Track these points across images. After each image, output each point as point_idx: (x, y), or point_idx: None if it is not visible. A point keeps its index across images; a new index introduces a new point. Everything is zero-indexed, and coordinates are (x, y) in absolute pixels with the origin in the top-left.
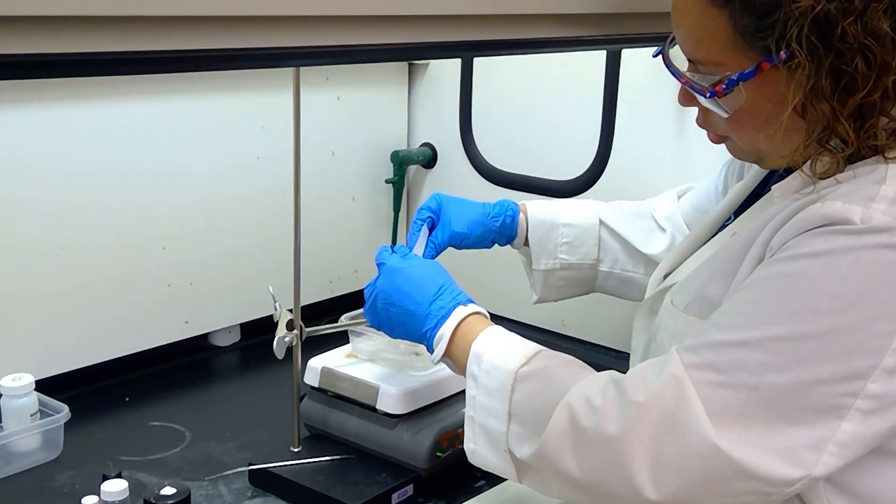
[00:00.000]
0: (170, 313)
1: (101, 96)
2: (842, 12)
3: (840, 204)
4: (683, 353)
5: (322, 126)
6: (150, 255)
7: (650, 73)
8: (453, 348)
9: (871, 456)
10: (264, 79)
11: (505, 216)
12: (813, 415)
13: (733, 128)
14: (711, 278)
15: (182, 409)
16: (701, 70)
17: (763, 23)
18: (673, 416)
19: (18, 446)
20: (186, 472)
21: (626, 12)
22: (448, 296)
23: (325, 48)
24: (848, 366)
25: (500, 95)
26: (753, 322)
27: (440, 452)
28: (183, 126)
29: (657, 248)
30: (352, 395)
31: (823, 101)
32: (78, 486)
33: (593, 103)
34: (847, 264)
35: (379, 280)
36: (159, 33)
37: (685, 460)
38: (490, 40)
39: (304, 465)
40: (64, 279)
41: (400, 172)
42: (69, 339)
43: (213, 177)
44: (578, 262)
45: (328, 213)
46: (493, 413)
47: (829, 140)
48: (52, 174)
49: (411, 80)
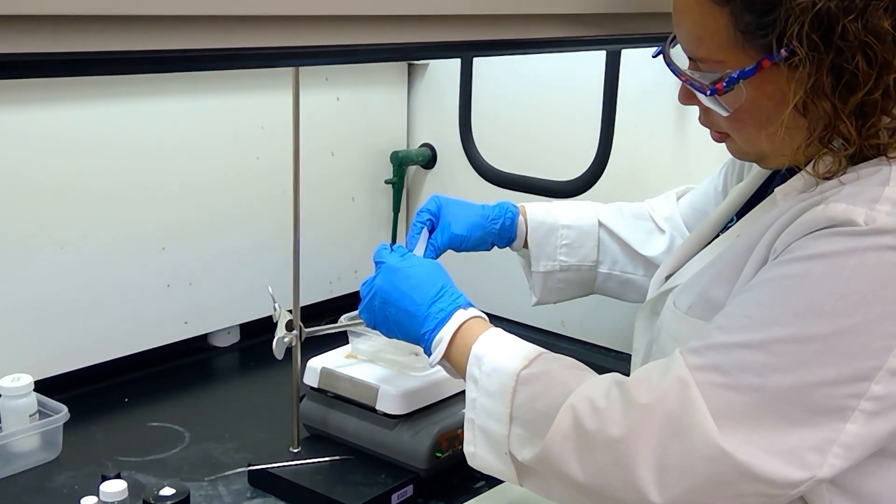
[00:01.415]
0: (169, 314)
1: (100, 96)
2: (842, 10)
3: (844, 205)
4: (687, 355)
5: (322, 126)
6: (150, 256)
7: (650, 74)
8: (452, 351)
9: (875, 458)
10: (264, 79)
11: (504, 218)
12: (817, 416)
13: (734, 126)
14: (714, 280)
15: (181, 410)
16: (702, 68)
17: (764, 20)
18: (678, 419)
19: (17, 447)
20: (186, 473)
21: (626, 12)
22: (448, 298)
23: (325, 48)
24: (852, 367)
25: (500, 96)
26: (757, 324)
27: (440, 453)
28: (182, 126)
29: (656, 250)
30: (351, 396)
31: (825, 99)
32: (77, 487)
33: (593, 104)
34: (851, 266)
35: (377, 279)
36: (159, 33)
37: (690, 463)
38: (489, 40)
39: (303, 466)
40: (63, 280)
41: (399, 173)
42: (68, 340)
43: (213, 177)
44: (578, 264)
45: (328, 213)
46: (493, 415)
47: (830, 139)
48: (51, 173)
49: (411, 80)
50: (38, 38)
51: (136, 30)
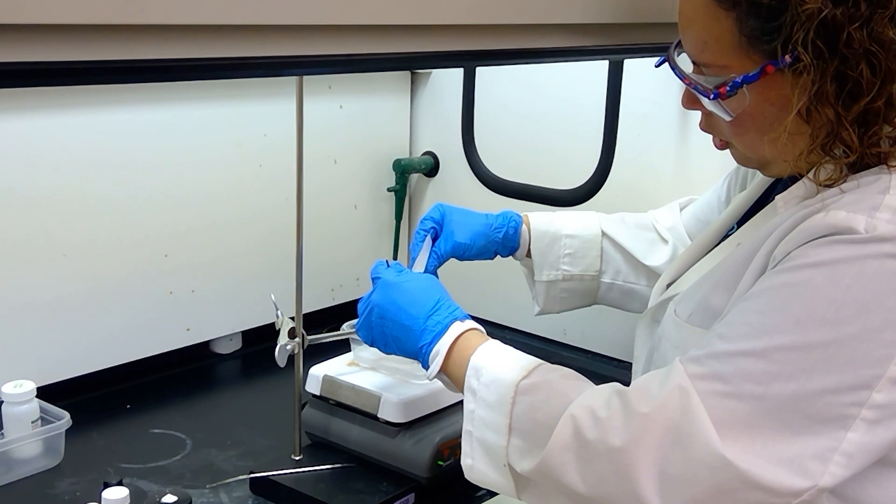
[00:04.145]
0: (171, 320)
1: (104, 103)
2: (848, 18)
3: (844, 213)
4: (688, 363)
5: (324, 134)
6: (152, 263)
7: (652, 85)
8: (450, 364)
9: (875, 467)
10: (267, 87)
11: (508, 227)
12: (818, 425)
13: (736, 131)
14: (715, 289)
15: (183, 417)
16: (706, 72)
17: (769, 26)
18: (679, 427)
19: (19, 453)
20: (187, 480)
21: (629, 23)
22: (444, 311)
23: (328, 57)
24: (853, 375)
25: (503, 104)
26: (758, 332)
27: (441, 461)
28: (186, 134)
29: (659, 260)
30: (353, 404)
31: (828, 106)
32: (79, 494)
33: (595, 114)
34: (852, 274)
35: (374, 294)
36: (163, 42)
37: (692, 472)
38: (492, 50)
39: (305, 474)
40: (66, 286)
41: (402, 181)
42: (71, 346)
43: (216, 184)
44: (581, 274)
45: (330, 220)
46: (492, 427)
47: (832, 146)
48: (55, 181)
49: (414, 88)
50: (42, 47)
51: (140, 39)
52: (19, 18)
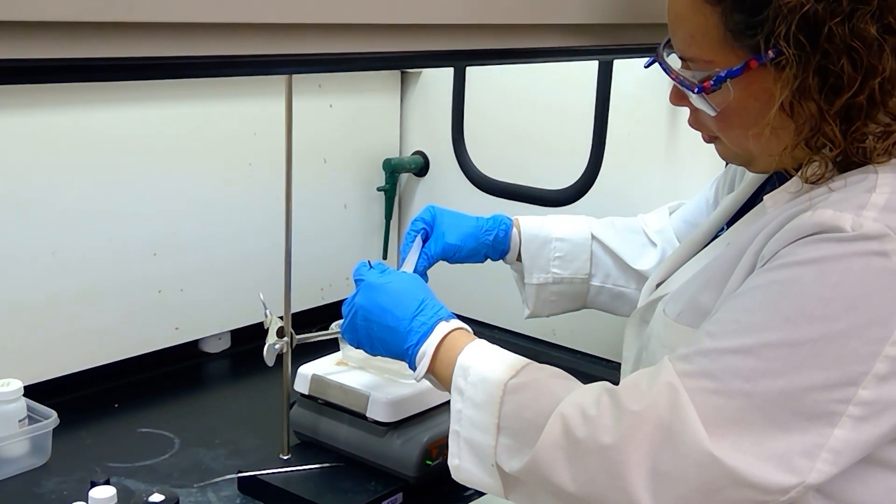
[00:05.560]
0: (160, 319)
1: (92, 102)
2: (829, 13)
3: (831, 212)
4: (676, 361)
5: (314, 133)
6: (141, 262)
7: (642, 85)
8: (437, 364)
9: (860, 465)
10: (257, 86)
11: (498, 230)
12: (806, 421)
13: (721, 126)
14: (704, 288)
15: (171, 416)
16: (692, 68)
17: (753, 20)
18: (668, 425)
19: (6, 452)
20: (175, 479)
21: (618, 23)
22: (429, 311)
23: (318, 56)
24: (840, 372)
25: (493, 104)
26: (746, 329)
27: (430, 461)
28: (175, 132)
29: (648, 264)
30: (342, 403)
31: (810, 100)
32: (66, 493)
33: (585, 113)
34: (839, 271)
35: (357, 296)
36: (152, 40)
37: (682, 469)
38: (482, 50)
39: (293, 473)
40: (54, 284)
41: (392, 180)
42: (58, 345)
43: (205, 183)
44: (570, 277)
45: (320, 220)
46: (480, 426)
47: (816, 141)
48: (44, 179)
49: (404, 88)
50: (32, 44)
51: (130, 36)
52: (5, 15)
